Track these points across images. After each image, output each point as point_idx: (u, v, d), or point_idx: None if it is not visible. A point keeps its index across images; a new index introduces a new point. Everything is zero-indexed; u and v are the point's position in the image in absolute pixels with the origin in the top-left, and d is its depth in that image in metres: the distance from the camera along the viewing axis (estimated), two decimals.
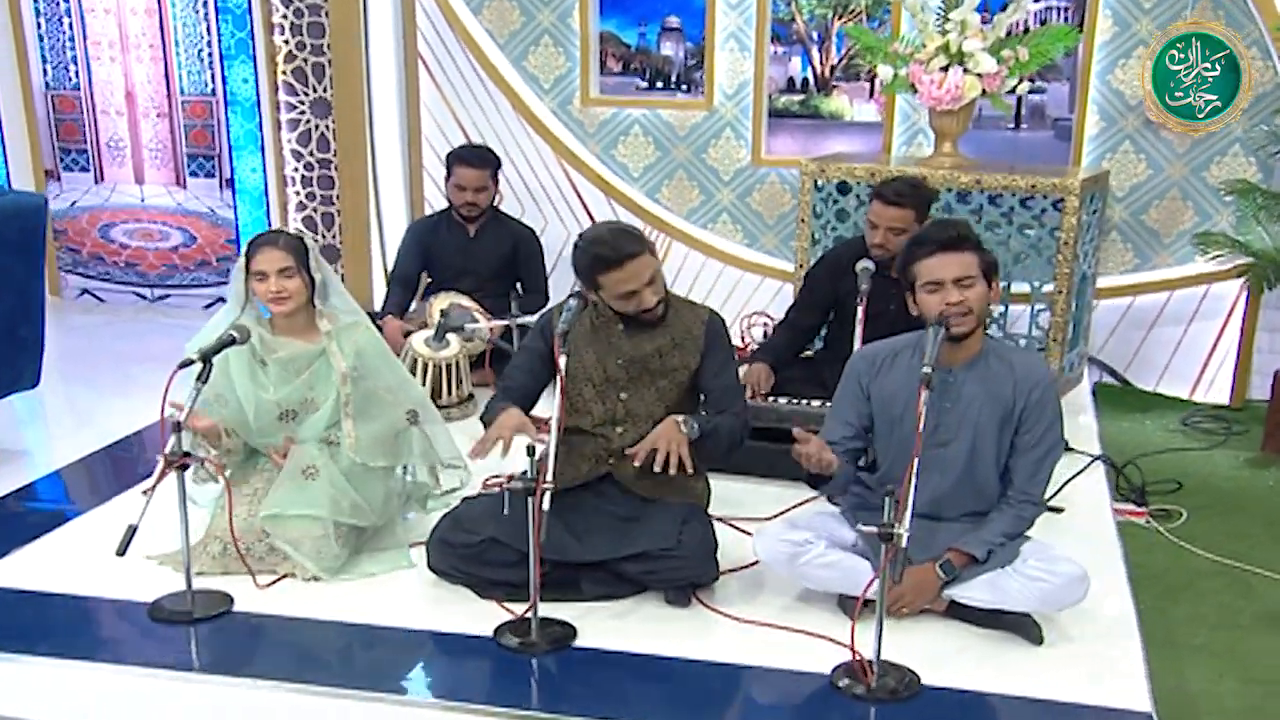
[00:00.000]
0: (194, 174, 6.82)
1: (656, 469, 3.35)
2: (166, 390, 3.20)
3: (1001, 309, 5.58)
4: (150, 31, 6.62)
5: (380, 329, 5.23)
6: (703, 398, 3.62)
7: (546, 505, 3.06)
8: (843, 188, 5.53)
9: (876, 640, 2.98)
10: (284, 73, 6.53)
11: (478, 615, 3.35)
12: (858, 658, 3.04)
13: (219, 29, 6.42)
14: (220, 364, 3.64)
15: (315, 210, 6.72)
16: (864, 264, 4.45)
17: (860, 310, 4.32)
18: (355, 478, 3.65)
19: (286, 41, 6.48)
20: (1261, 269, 5.26)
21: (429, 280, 5.60)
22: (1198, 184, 5.76)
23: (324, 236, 6.73)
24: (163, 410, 3.23)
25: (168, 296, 7.08)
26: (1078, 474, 4.48)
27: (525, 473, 3.08)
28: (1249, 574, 4.05)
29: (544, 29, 6.29)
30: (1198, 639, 3.62)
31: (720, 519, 3.93)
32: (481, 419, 3.55)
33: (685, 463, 3.36)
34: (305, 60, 6.49)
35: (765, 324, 5.75)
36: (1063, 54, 5.50)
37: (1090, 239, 5.41)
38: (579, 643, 3.22)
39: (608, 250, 3.40)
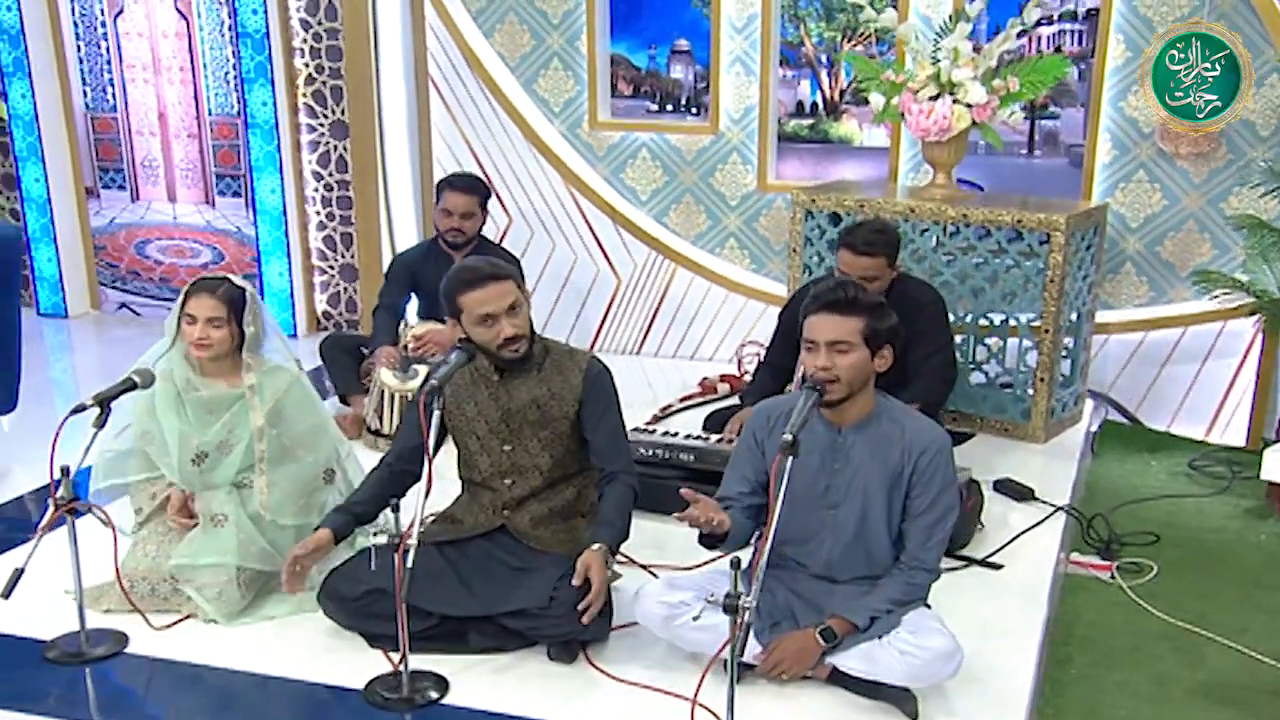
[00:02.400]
0: (222, 193, 6.96)
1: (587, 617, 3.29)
2: (55, 440, 3.26)
3: (1000, 344, 5.41)
4: (180, 55, 6.76)
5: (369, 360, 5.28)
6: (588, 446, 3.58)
7: (410, 562, 3.05)
8: (834, 219, 5.41)
9: (729, 711, 2.91)
10: (304, 95, 6.63)
11: (365, 666, 3.35)
12: None
13: (239, 52, 6.53)
14: (145, 401, 3.72)
15: (335, 230, 6.81)
16: None
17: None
18: (264, 521, 3.68)
19: (306, 64, 6.57)
20: (1276, 309, 5.00)
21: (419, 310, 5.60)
22: (1215, 216, 5.50)
23: (343, 256, 6.83)
24: (51, 466, 3.28)
25: None
26: (1033, 526, 4.32)
27: (393, 528, 3.10)
28: (1203, 639, 3.84)
29: (554, 52, 6.27)
30: (1121, 711, 3.45)
31: (644, 566, 3.90)
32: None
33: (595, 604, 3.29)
34: (325, 83, 6.58)
35: (758, 353, 5.65)
36: (1073, 78, 5.33)
37: (1084, 275, 5.20)
38: (450, 699, 3.20)
39: (469, 273, 3.44)
